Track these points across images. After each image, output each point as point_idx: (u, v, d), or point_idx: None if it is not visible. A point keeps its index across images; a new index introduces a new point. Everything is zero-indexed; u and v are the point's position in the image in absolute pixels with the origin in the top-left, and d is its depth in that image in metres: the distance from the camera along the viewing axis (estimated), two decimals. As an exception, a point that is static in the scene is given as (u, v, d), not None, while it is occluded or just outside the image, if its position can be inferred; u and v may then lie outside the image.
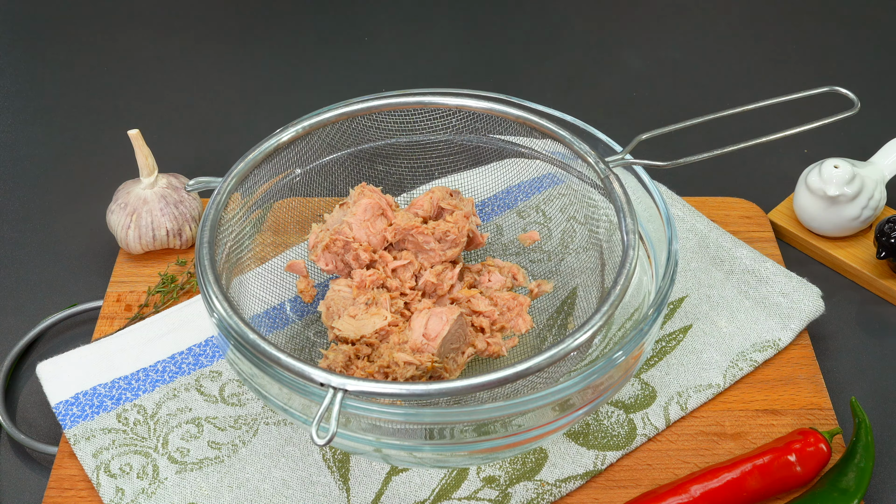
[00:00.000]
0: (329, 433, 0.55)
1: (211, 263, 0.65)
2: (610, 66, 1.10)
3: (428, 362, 0.67)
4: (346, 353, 0.69)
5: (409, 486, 0.69)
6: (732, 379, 0.76)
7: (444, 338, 0.68)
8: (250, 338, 0.60)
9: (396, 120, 0.76)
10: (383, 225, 0.75)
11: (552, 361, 0.59)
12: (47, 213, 0.92)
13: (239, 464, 0.70)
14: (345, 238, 0.74)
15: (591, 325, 0.61)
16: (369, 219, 0.74)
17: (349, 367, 0.69)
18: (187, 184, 0.71)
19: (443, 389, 0.58)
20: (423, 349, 0.68)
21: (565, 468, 0.70)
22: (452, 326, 0.69)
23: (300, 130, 0.73)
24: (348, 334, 0.70)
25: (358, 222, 0.74)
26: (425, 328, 0.68)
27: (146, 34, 1.13)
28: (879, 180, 0.86)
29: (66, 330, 0.82)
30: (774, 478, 0.68)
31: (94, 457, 0.70)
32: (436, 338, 0.68)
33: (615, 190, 0.69)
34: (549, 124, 0.73)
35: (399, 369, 0.67)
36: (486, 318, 0.73)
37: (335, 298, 0.73)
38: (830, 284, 0.85)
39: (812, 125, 0.70)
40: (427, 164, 0.79)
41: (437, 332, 0.68)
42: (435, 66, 1.09)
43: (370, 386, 0.57)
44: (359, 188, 0.76)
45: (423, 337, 0.68)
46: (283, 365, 0.59)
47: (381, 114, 0.76)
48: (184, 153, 0.97)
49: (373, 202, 0.75)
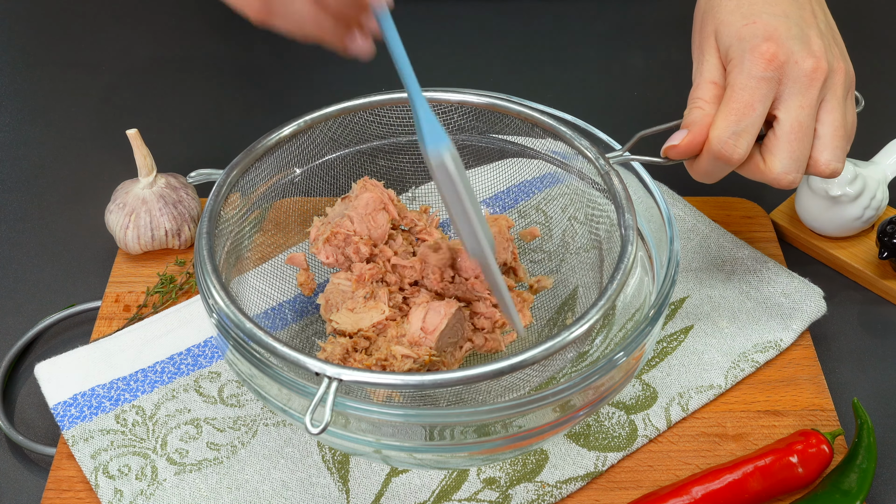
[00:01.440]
0: (322, 423, 0.55)
1: (210, 254, 0.65)
2: (611, 66, 1.10)
3: (425, 356, 0.67)
4: (344, 346, 0.69)
5: (408, 488, 0.69)
6: (734, 380, 0.75)
7: (442, 332, 0.68)
8: (247, 327, 0.60)
9: (399, 115, 0.76)
10: (384, 219, 0.74)
11: (549, 353, 0.59)
12: (45, 213, 0.92)
13: (238, 465, 0.70)
14: (346, 231, 0.74)
15: (588, 318, 0.61)
16: (371, 212, 0.74)
17: (346, 359, 0.69)
18: (189, 175, 0.71)
19: (438, 380, 0.57)
20: (421, 343, 0.68)
21: (566, 469, 0.70)
22: (451, 320, 0.69)
23: (301, 125, 0.73)
24: (346, 327, 0.70)
25: (359, 216, 0.74)
26: (423, 322, 0.68)
27: (145, 33, 1.13)
28: (882, 180, 0.85)
29: (64, 330, 0.82)
30: (776, 479, 0.68)
31: (93, 458, 0.70)
32: (433, 332, 0.68)
33: (615, 186, 0.68)
34: (549, 120, 0.73)
35: (396, 362, 0.67)
36: (488, 320, 0.73)
37: (334, 291, 0.73)
38: (832, 285, 0.85)
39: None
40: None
41: (434, 326, 0.68)
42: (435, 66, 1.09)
43: (365, 376, 0.57)
44: (361, 182, 0.76)
45: (421, 331, 0.68)
46: (278, 354, 0.59)
47: (383, 109, 0.75)
48: (183, 153, 0.97)
49: (374, 196, 0.75)
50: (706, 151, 0.67)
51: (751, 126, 0.66)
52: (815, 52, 0.67)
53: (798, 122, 0.66)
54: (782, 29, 0.67)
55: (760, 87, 0.66)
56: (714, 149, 0.66)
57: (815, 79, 0.66)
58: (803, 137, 0.66)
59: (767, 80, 0.66)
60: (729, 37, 0.68)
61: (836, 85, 0.67)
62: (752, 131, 0.66)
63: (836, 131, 0.67)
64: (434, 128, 0.61)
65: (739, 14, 0.68)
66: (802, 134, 0.66)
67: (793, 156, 0.66)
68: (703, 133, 0.67)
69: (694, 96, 0.69)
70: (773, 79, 0.66)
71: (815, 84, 0.66)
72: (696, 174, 0.69)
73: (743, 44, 0.67)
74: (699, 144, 0.67)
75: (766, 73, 0.66)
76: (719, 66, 0.69)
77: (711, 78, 0.69)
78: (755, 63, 0.66)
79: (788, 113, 0.66)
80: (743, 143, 0.66)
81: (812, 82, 0.66)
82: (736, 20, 0.68)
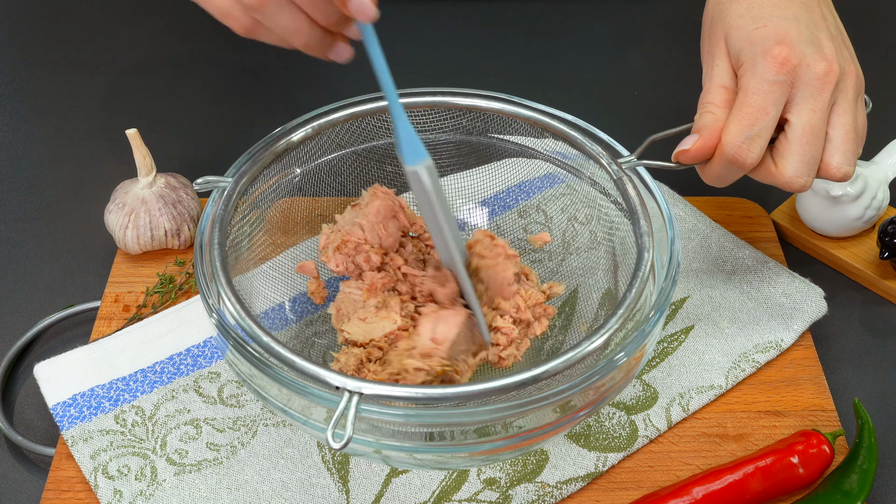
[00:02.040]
0: (345, 437, 0.55)
1: (223, 266, 0.64)
2: (612, 65, 1.10)
3: (438, 367, 0.67)
4: (358, 357, 0.69)
5: (408, 488, 0.69)
6: (735, 380, 0.75)
7: (453, 341, 0.68)
8: (264, 340, 0.60)
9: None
10: (395, 227, 0.74)
11: (569, 365, 0.59)
12: (45, 213, 0.92)
13: (238, 465, 0.70)
14: (356, 240, 0.73)
15: (608, 329, 0.61)
16: (381, 221, 0.74)
17: (361, 370, 0.69)
18: (195, 182, 0.70)
19: (458, 393, 0.58)
20: (433, 353, 0.67)
21: (566, 470, 0.70)
22: (461, 329, 0.68)
23: (310, 131, 0.73)
24: (358, 337, 0.69)
25: (370, 224, 0.74)
26: (433, 333, 0.68)
27: (145, 32, 1.12)
28: (883, 180, 0.85)
29: (63, 331, 0.82)
30: (777, 480, 0.68)
31: (92, 458, 0.70)
32: (444, 342, 0.68)
33: (629, 193, 0.68)
34: (560, 125, 0.73)
35: (409, 376, 0.66)
36: (505, 336, 0.73)
37: (345, 301, 0.73)
38: (833, 285, 0.85)
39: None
40: (438, 163, 0.78)
41: (445, 336, 0.68)
42: (435, 66, 1.09)
43: (386, 389, 0.57)
44: (372, 189, 0.76)
45: (432, 342, 0.68)
46: (296, 368, 0.59)
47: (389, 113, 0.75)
48: (182, 153, 0.97)
49: (385, 204, 0.74)
50: (718, 156, 0.67)
51: (764, 130, 0.66)
52: (826, 56, 0.66)
53: (810, 126, 0.66)
54: (794, 32, 0.66)
55: (773, 90, 0.65)
56: (727, 153, 0.66)
57: (827, 82, 0.66)
58: (815, 141, 0.66)
59: (780, 83, 0.65)
60: (740, 41, 0.68)
61: (847, 88, 0.67)
62: (765, 135, 0.66)
63: (847, 134, 0.67)
64: (413, 143, 0.64)
65: (750, 18, 0.68)
66: (814, 137, 0.66)
67: (804, 159, 0.66)
68: (713, 137, 0.67)
69: (704, 101, 0.69)
70: (785, 82, 0.66)
71: (827, 87, 0.66)
72: (708, 178, 0.69)
73: (754, 47, 0.67)
74: (710, 149, 0.67)
75: (778, 77, 0.65)
76: (730, 71, 0.69)
77: (722, 82, 0.69)
78: (768, 67, 0.66)
79: (800, 116, 0.66)
80: (756, 147, 0.66)
81: (824, 86, 0.66)
82: (746, 24, 0.68)
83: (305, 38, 0.62)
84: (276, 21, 0.61)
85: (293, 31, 0.61)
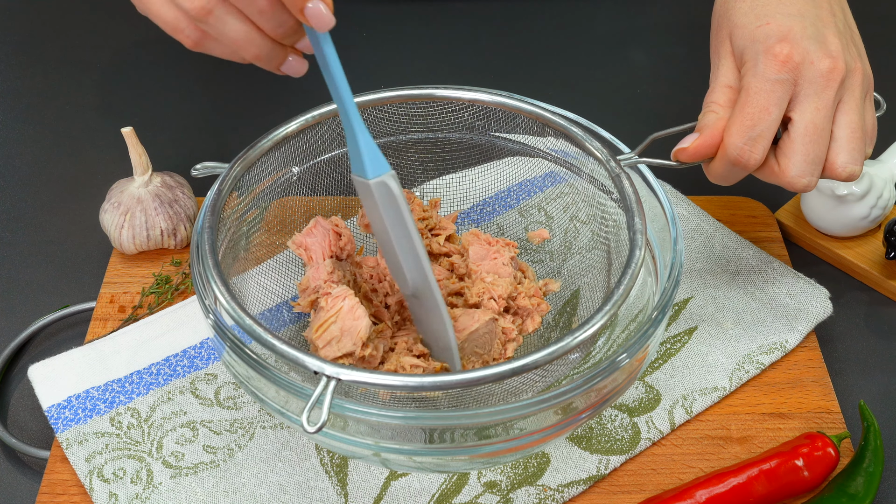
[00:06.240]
0: (319, 422, 0.54)
1: (212, 249, 0.64)
2: (612, 63, 1.09)
3: (437, 364, 0.66)
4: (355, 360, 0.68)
5: (408, 492, 0.68)
6: (738, 382, 0.75)
7: (472, 333, 0.67)
8: (247, 323, 0.59)
9: (407, 112, 0.76)
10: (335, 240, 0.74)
11: (553, 357, 0.58)
12: (39, 212, 0.91)
13: (235, 468, 0.69)
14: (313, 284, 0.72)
15: (594, 323, 0.60)
16: (324, 243, 0.74)
17: None
18: (193, 167, 0.70)
19: (438, 382, 0.57)
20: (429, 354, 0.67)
21: (568, 473, 0.69)
22: (482, 327, 0.68)
23: (309, 119, 0.73)
24: (336, 353, 0.68)
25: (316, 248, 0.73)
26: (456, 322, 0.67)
27: (140, 30, 1.12)
28: (888, 179, 0.85)
29: (58, 332, 0.81)
30: (781, 483, 0.67)
31: (87, 461, 0.69)
32: (463, 330, 0.67)
33: (626, 189, 0.68)
34: (561, 121, 0.73)
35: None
36: (503, 335, 0.72)
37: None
38: (838, 285, 0.84)
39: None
40: (440, 158, 0.79)
41: (465, 327, 0.67)
42: (435, 66, 1.09)
43: (364, 376, 0.56)
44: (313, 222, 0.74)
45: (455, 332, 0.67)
46: (276, 351, 0.58)
47: (392, 105, 0.75)
48: (178, 151, 0.96)
49: (325, 229, 0.74)
50: (721, 156, 0.66)
51: (766, 131, 0.65)
52: (831, 52, 0.65)
53: (813, 125, 0.65)
54: (797, 29, 0.66)
55: (775, 89, 0.65)
56: (730, 155, 0.66)
57: (832, 80, 0.65)
58: (818, 140, 0.65)
59: (782, 82, 0.65)
60: (743, 39, 0.67)
61: (853, 86, 0.66)
62: (768, 136, 0.65)
63: (852, 133, 0.66)
64: (375, 156, 0.63)
65: (753, 15, 0.67)
66: (817, 136, 0.65)
67: (807, 159, 0.65)
68: (713, 137, 0.66)
69: (709, 100, 0.68)
70: (788, 81, 0.65)
71: (832, 85, 0.65)
72: (712, 177, 0.69)
73: (756, 45, 0.66)
74: (709, 148, 0.67)
75: (780, 76, 0.65)
76: (734, 70, 0.68)
77: (726, 82, 0.68)
78: (769, 65, 0.65)
79: (803, 115, 0.65)
80: (759, 148, 0.65)
81: (828, 83, 0.65)
82: (750, 22, 0.67)
83: (256, 50, 0.60)
84: (224, 32, 0.59)
85: (243, 42, 0.60)
